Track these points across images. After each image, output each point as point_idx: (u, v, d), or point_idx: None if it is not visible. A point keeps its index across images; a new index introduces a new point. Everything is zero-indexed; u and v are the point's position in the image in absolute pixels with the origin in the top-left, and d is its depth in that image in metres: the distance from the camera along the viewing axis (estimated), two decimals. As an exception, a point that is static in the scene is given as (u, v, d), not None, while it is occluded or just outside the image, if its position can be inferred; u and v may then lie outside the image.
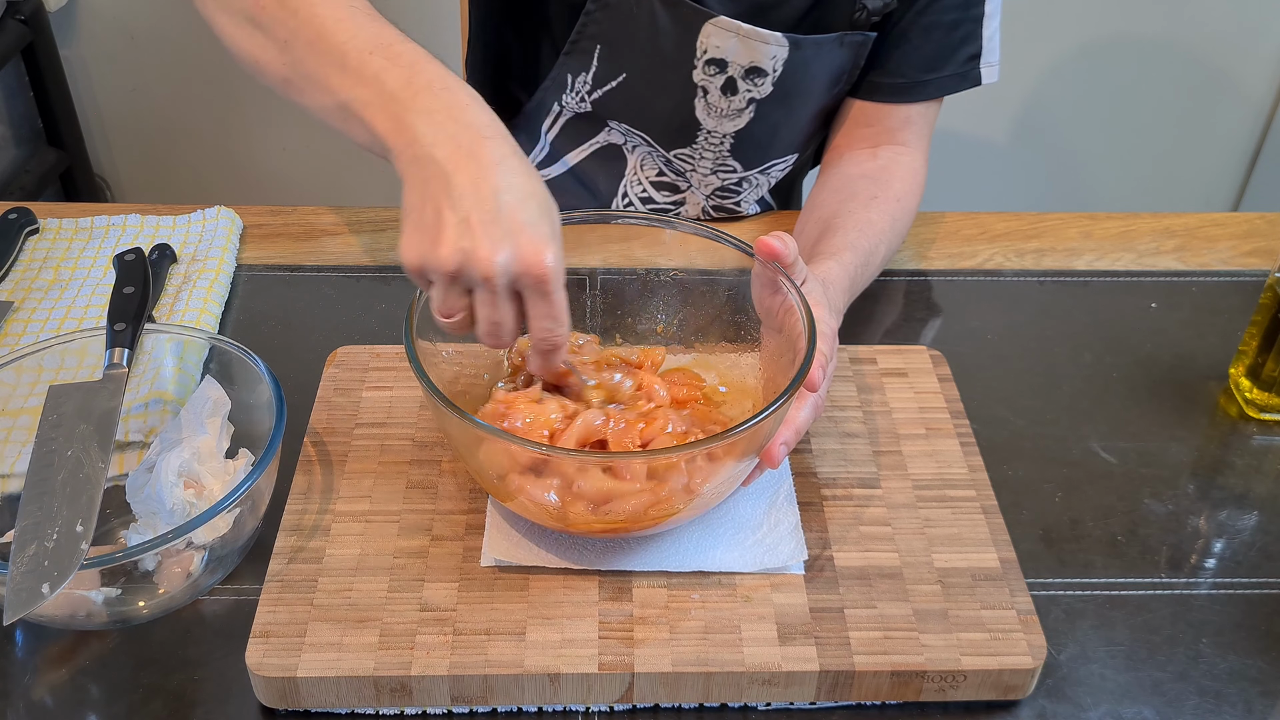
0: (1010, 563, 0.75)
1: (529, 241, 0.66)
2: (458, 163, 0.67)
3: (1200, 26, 2.04)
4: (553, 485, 0.70)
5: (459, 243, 0.65)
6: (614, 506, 0.70)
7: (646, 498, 0.69)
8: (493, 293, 0.67)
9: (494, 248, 0.65)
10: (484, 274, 0.65)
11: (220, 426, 0.79)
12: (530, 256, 0.65)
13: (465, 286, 0.68)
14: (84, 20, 2.04)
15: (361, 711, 0.70)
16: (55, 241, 1.05)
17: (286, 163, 2.19)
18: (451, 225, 0.66)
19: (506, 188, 0.66)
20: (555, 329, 0.69)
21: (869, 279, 0.97)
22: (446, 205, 0.66)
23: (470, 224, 0.65)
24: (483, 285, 0.66)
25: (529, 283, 0.66)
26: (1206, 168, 2.23)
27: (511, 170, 0.67)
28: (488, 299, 0.67)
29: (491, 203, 0.66)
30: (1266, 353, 0.91)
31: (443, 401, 0.68)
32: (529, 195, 0.67)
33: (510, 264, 0.65)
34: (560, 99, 1.10)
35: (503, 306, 0.68)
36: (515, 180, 0.67)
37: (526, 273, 0.66)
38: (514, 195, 0.66)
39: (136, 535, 0.76)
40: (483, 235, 0.65)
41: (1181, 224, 1.15)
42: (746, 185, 1.15)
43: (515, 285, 0.67)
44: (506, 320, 0.68)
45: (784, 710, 0.71)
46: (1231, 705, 0.71)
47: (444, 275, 0.66)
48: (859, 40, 1.03)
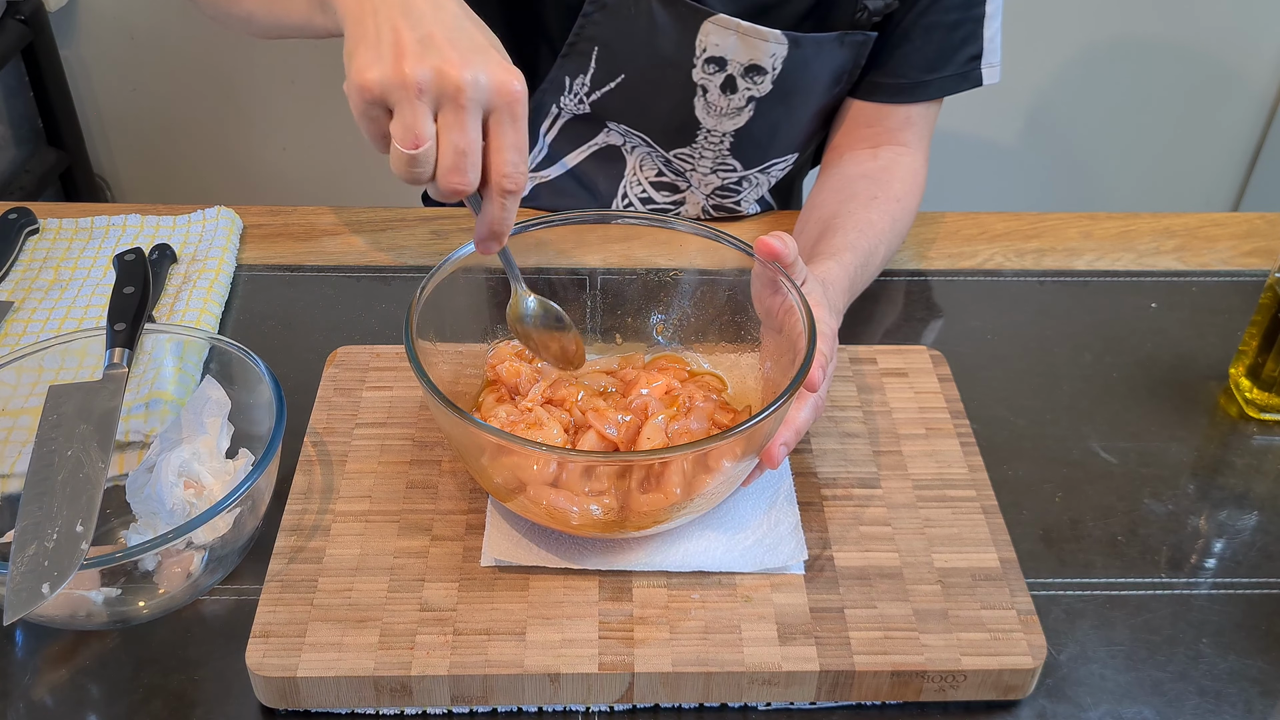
0: (1010, 563, 0.75)
1: (499, 62, 0.63)
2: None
3: (1200, 26, 2.04)
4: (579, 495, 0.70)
5: (427, 58, 0.62)
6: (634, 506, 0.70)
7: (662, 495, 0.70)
8: (462, 110, 0.63)
9: (464, 62, 0.62)
10: (455, 86, 0.62)
11: (220, 426, 0.79)
12: (502, 75, 0.63)
13: (431, 107, 0.63)
14: (84, 20, 2.04)
15: (361, 711, 0.70)
16: (55, 241, 1.05)
17: (286, 163, 2.19)
18: (413, 41, 0.63)
19: (466, 15, 0.65)
20: (520, 164, 0.65)
21: (869, 279, 0.97)
22: (404, 25, 0.63)
23: (435, 39, 0.63)
24: (452, 101, 0.63)
25: (500, 103, 0.63)
26: (1206, 168, 2.23)
27: (464, 7, 0.66)
28: (456, 120, 0.63)
29: (454, 24, 0.63)
30: (1266, 353, 0.91)
31: (443, 401, 0.68)
32: (485, 28, 0.66)
33: (482, 81, 0.62)
34: (558, 101, 1.10)
35: (471, 128, 0.64)
36: (471, 14, 0.66)
37: (498, 91, 0.63)
38: (472, 23, 0.65)
39: (136, 535, 0.76)
40: (451, 50, 0.62)
41: (1181, 224, 1.15)
42: (746, 185, 1.15)
43: (485, 106, 0.63)
44: (474, 146, 0.64)
45: (784, 710, 0.71)
46: (1231, 705, 0.71)
47: (409, 91, 0.62)
48: (860, 40, 1.03)
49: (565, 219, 0.82)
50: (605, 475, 0.70)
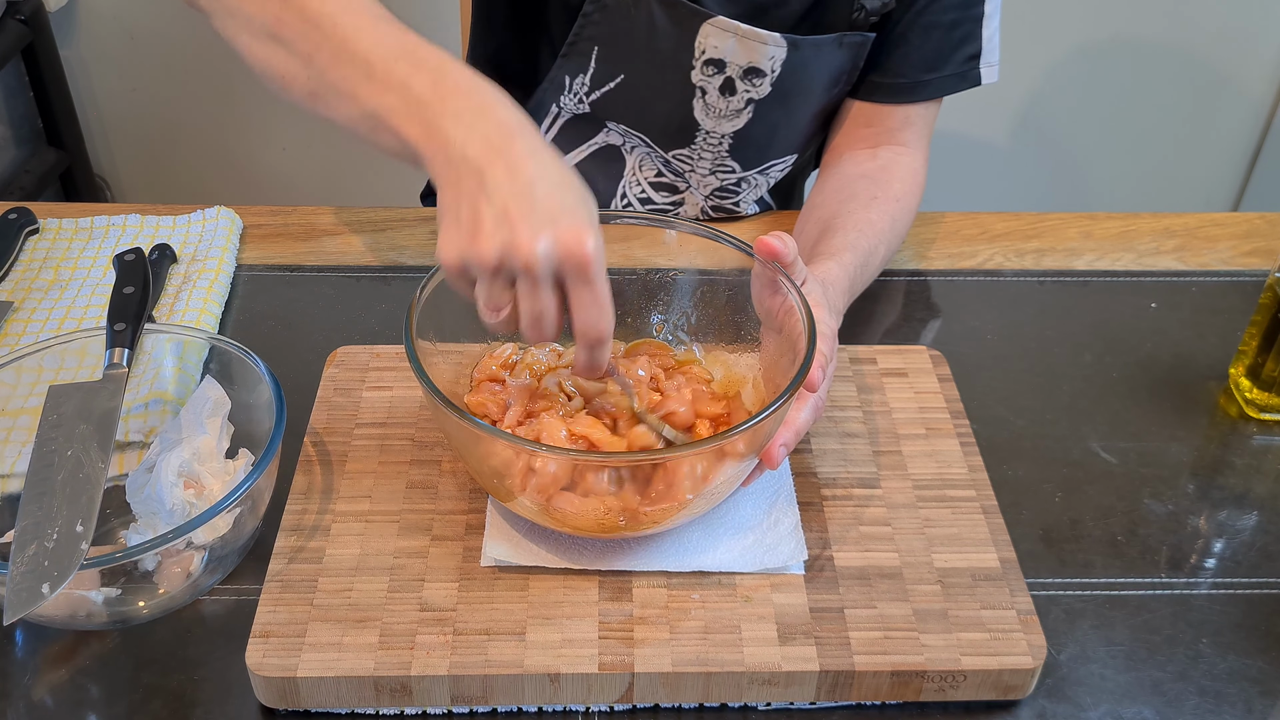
0: (1010, 563, 0.75)
1: (568, 227, 0.65)
2: (490, 159, 0.66)
3: (1200, 26, 2.04)
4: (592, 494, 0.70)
5: (498, 234, 0.65)
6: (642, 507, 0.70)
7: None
8: (535, 282, 0.66)
9: (534, 235, 0.64)
10: (526, 262, 0.65)
11: (220, 426, 0.79)
12: (571, 242, 0.65)
13: (508, 279, 0.67)
14: (84, 20, 2.04)
15: (361, 711, 0.70)
16: (55, 241, 1.05)
17: (286, 163, 2.19)
18: (489, 219, 0.65)
19: (541, 177, 0.66)
20: (600, 317, 0.67)
21: (869, 279, 0.97)
22: (483, 200, 0.66)
23: (509, 214, 0.65)
24: (525, 275, 0.65)
25: (571, 268, 0.65)
26: (1206, 168, 2.23)
27: (544, 161, 0.67)
28: (530, 289, 0.66)
29: (528, 192, 0.65)
30: (1266, 353, 0.91)
31: (443, 401, 0.68)
32: (564, 184, 0.67)
33: (551, 250, 0.65)
34: (558, 100, 1.10)
35: (545, 295, 0.66)
36: (549, 170, 0.67)
37: (568, 258, 0.65)
38: (549, 184, 0.66)
39: (136, 535, 0.76)
40: (522, 224, 0.64)
41: (1181, 224, 1.15)
42: (745, 186, 1.15)
43: (557, 273, 0.66)
44: (549, 310, 0.67)
45: (784, 710, 0.71)
46: (1231, 705, 0.71)
47: (486, 269, 0.66)
48: (858, 41, 1.03)
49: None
50: (605, 476, 0.70)
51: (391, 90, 0.71)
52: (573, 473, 0.70)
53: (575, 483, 0.71)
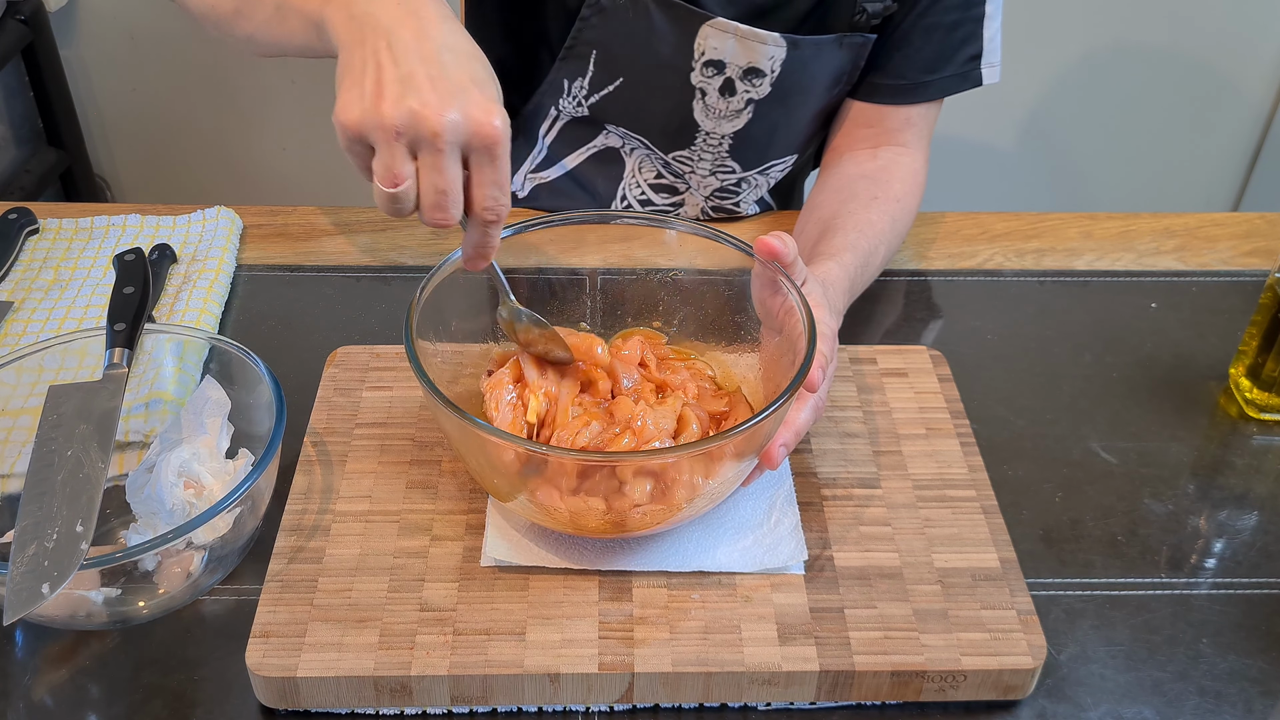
0: (1010, 563, 0.75)
1: (478, 101, 0.63)
2: (400, 19, 0.64)
3: (1200, 28, 2.04)
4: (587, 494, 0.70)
5: (405, 99, 0.62)
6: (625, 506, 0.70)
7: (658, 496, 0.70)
8: (440, 153, 0.63)
9: (442, 104, 0.62)
10: (432, 131, 0.62)
11: (220, 426, 0.79)
12: (481, 116, 0.63)
13: (409, 148, 0.64)
14: (84, 20, 2.04)
15: (361, 711, 0.70)
16: (55, 241, 1.05)
17: (286, 163, 2.19)
18: (395, 81, 0.62)
19: (451, 46, 0.64)
20: (500, 197, 0.65)
21: (869, 280, 0.97)
22: (389, 61, 0.63)
23: (416, 80, 0.62)
24: (430, 145, 0.63)
25: (478, 144, 0.63)
26: (1206, 168, 2.23)
27: (454, 30, 0.65)
28: (434, 161, 0.64)
29: (437, 60, 0.63)
30: (1266, 353, 0.91)
31: (443, 401, 0.68)
32: (473, 55, 0.65)
33: (460, 123, 0.62)
34: (557, 103, 1.10)
35: (450, 169, 0.64)
36: (459, 40, 0.64)
37: (476, 133, 0.63)
38: (459, 53, 0.64)
39: (136, 535, 0.76)
40: (430, 91, 0.62)
41: (1181, 224, 1.15)
42: (745, 186, 1.15)
43: (464, 147, 0.64)
44: (454, 186, 0.65)
45: (784, 710, 0.71)
46: (1231, 705, 0.71)
47: (388, 133, 0.63)
48: (859, 42, 1.03)
49: (565, 219, 0.82)
50: (605, 476, 0.70)
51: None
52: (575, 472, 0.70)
53: (577, 483, 0.71)
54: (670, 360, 0.83)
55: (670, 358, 0.84)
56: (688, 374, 0.81)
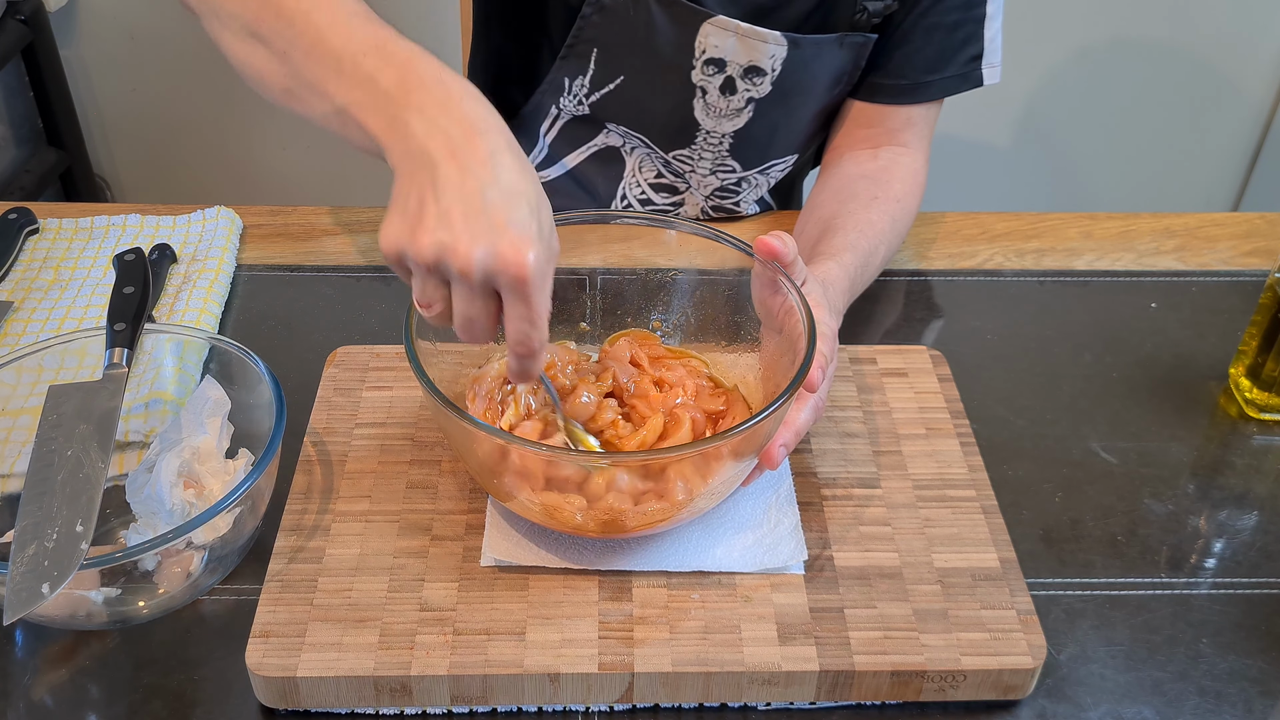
0: (1010, 563, 0.75)
1: (511, 240, 0.64)
2: (447, 155, 0.65)
3: (1200, 27, 2.04)
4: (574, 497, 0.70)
5: (437, 234, 0.64)
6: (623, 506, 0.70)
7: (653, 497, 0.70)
8: (469, 287, 0.65)
9: (472, 242, 0.63)
10: (460, 268, 0.64)
11: (220, 426, 0.79)
12: (509, 255, 0.64)
13: (442, 279, 0.66)
14: (84, 20, 2.04)
15: (361, 711, 0.70)
16: (55, 241, 1.05)
17: (286, 163, 2.19)
18: (432, 216, 0.64)
19: (494, 182, 0.65)
20: (531, 332, 0.66)
21: (869, 280, 0.97)
22: (430, 195, 0.65)
23: (451, 216, 0.64)
24: (459, 279, 0.65)
25: (506, 282, 0.64)
26: (1206, 168, 2.23)
27: (502, 166, 0.66)
28: (464, 294, 0.66)
29: (477, 197, 0.64)
30: (1266, 353, 0.91)
31: (443, 401, 0.68)
32: (518, 193, 0.66)
33: (488, 260, 0.64)
34: (558, 102, 1.10)
35: (478, 303, 0.66)
36: (505, 176, 0.66)
37: (504, 271, 0.64)
38: (501, 191, 0.65)
39: (136, 535, 0.76)
40: (463, 229, 0.63)
41: (1181, 224, 1.15)
42: (746, 185, 1.15)
43: (492, 283, 0.65)
44: (481, 317, 0.66)
45: (784, 710, 0.71)
46: (1231, 705, 0.71)
47: (421, 265, 0.65)
48: (859, 41, 1.03)
49: (565, 219, 0.82)
50: (605, 476, 0.70)
51: (359, 85, 0.70)
52: (576, 473, 0.70)
53: (577, 483, 0.71)
54: (665, 359, 0.83)
55: (664, 356, 0.84)
56: (684, 371, 0.81)
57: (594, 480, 0.70)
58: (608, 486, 0.70)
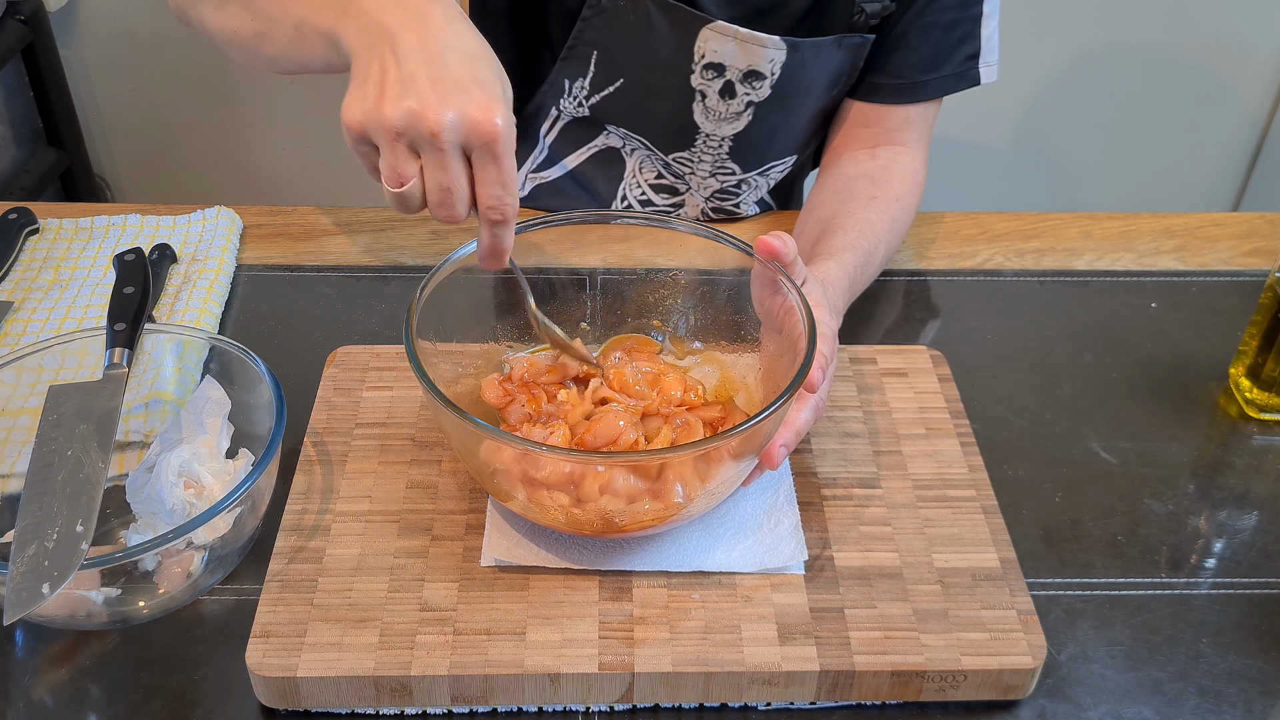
0: (1010, 563, 0.75)
1: (478, 100, 0.63)
2: (405, 23, 0.65)
3: (1200, 27, 2.04)
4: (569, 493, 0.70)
5: (404, 100, 0.63)
6: (621, 506, 0.70)
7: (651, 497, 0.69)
8: (440, 152, 0.64)
9: (441, 104, 0.63)
10: (431, 130, 0.63)
11: (220, 426, 0.79)
12: (479, 114, 0.63)
13: (411, 147, 0.65)
14: (84, 20, 2.04)
15: (361, 711, 0.70)
16: (55, 241, 1.05)
17: (286, 163, 2.19)
18: (396, 82, 0.64)
19: (455, 46, 0.65)
20: (504, 196, 0.66)
21: (869, 279, 0.97)
22: (392, 63, 0.64)
23: (416, 80, 0.63)
24: (430, 144, 0.64)
25: (478, 142, 0.64)
26: (1206, 168, 2.23)
27: (460, 31, 0.66)
28: (436, 160, 0.65)
29: (439, 60, 0.64)
30: (1266, 353, 0.91)
31: (443, 401, 0.68)
32: (478, 55, 0.65)
33: (459, 121, 0.63)
34: (558, 103, 1.10)
35: (453, 168, 0.65)
36: (464, 40, 0.65)
37: (475, 130, 0.63)
38: (463, 54, 0.65)
39: (136, 535, 0.76)
40: (430, 91, 0.63)
41: (1181, 224, 1.15)
42: (745, 187, 1.15)
43: (464, 146, 0.64)
44: (457, 184, 0.65)
45: (784, 710, 0.71)
46: (1231, 705, 0.71)
47: (388, 133, 0.64)
48: (857, 42, 1.03)
49: (565, 219, 0.82)
50: (605, 475, 0.70)
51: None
52: (572, 473, 0.70)
53: (575, 483, 0.71)
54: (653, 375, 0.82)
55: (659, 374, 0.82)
56: (677, 384, 0.81)
57: (592, 481, 0.70)
58: (604, 488, 0.70)
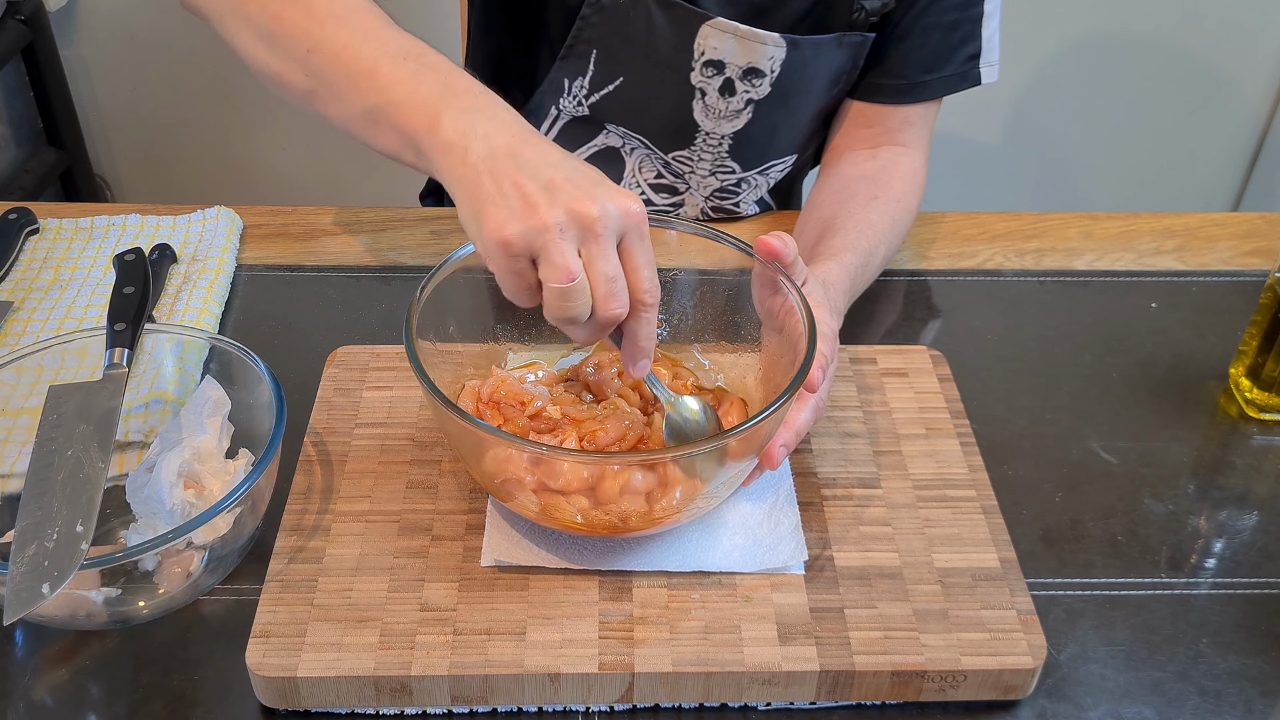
0: (1010, 563, 0.75)
1: (616, 189, 0.67)
2: (520, 142, 0.68)
3: (1200, 27, 2.04)
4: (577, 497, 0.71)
5: (557, 201, 0.65)
6: (621, 505, 0.70)
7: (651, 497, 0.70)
8: (601, 239, 0.66)
9: (590, 196, 0.65)
10: (591, 219, 0.65)
11: (220, 426, 0.79)
12: (624, 201, 0.66)
13: (574, 243, 0.66)
14: (84, 20, 2.04)
15: (361, 711, 0.70)
16: (55, 241, 1.05)
17: (286, 163, 2.19)
18: (537, 191, 0.66)
19: (566, 157, 0.68)
20: (654, 279, 0.68)
21: (869, 279, 0.97)
22: (524, 178, 0.66)
23: (556, 184, 0.66)
24: (592, 234, 0.66)
25: (630, 225, 0.66)
26: (1206, 168, 2.23)
27: (548, 139, 0.70)
28: (598, 250, 0.66)
29: (564, 166, 0.67)
30: (1266, 353, 0.91)
31: (443, 401, 0.68)
32: (584, 164, 0.69)
33: (612, 208, 0.66)
34: (557, 102, 1.10)
35: (614, 257, 0.67)
36: (568, 154, 0.69)
37: (626, 215, 0.66)
38: (575, 163, 0.68)
39: (136, 535, 0.76)
40: (574, 190, 0.66)
41: (1181, 224, 1.15)
42: (745, 186, 1.15)
43: (618, 232, 0.67)
44: (619, 270, 0.67)
45: (784, 710, 0.71)
46: (1231, 705, 0.71)
47: (552, 233, 0.65)
48: (857, 41, 1.03)
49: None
50: (604, 475, 0.70)
51: (398, 86, 0.72)
52: (579, 474, 0.70)
53: (580, 485, 0.71)
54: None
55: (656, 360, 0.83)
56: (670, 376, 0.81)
57: (612, 482, 0.70)
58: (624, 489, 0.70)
